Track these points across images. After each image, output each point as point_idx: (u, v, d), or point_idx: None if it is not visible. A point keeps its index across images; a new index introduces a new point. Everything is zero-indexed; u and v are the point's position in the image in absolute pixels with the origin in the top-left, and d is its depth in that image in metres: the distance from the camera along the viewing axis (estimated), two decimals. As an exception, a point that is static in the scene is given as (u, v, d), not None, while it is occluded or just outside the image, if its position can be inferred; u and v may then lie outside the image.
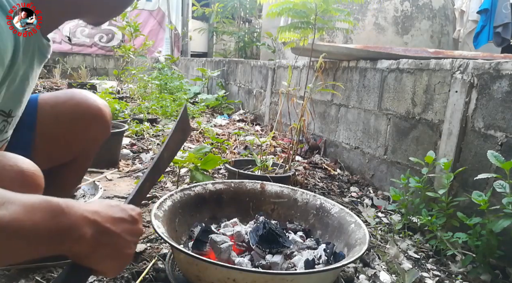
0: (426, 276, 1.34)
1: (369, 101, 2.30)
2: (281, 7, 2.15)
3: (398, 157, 2.04)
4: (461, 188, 1.61)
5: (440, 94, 1.75)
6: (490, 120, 1.49)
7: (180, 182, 1.94)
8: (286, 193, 1.47)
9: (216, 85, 5.26)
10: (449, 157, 1.64)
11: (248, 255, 1.15)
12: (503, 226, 1.22)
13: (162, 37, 8.65)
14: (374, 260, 1.40)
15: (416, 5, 3.10)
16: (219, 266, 0.93)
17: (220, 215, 1.41)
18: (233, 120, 4.07)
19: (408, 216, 1.68)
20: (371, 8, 3.04)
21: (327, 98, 2.77)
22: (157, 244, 1.34)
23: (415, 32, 3.09)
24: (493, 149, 1.43)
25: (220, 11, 6.85)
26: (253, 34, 6.86)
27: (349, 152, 2.51)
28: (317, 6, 2.11)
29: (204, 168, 1.82)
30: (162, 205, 1.19)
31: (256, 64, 4.22)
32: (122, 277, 1.12)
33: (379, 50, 2.22)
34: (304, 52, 2.67)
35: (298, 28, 2.24)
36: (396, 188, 1.77)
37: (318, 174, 2.37)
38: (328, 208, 1.36)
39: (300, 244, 1.23)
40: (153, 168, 0.90)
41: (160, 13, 8.65)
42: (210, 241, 1.11)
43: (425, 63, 1.85)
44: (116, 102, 3.00)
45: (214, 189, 1.42)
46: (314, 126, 2.95)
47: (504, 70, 1.45)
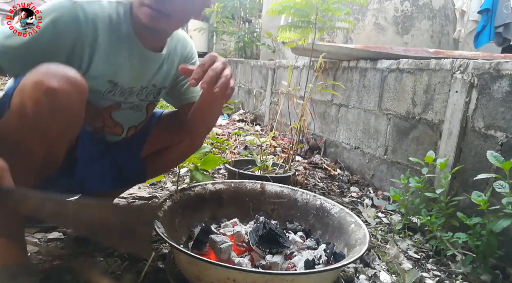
0: (426, 276, 1.34)
1: (369, 101, 2.30)
2: (282, 5, 2.14)
3: (398, 157, 2.04)
4: (461, 188, 1.61)
5: (440, 94, 1.75)
6: (490, 120, 1.49)
7: (180, 182, 1.94)
8: (286, 193, 1.47)
9: (216, 85, 5.25)
10: (449, 157, 1.64)
11: (248, 255, 1.15)
12: (503, 226, 1.22)
13: (162, 37, 8.64)
14: (374, 260, 1.40)
15: (416, 5, 3.10)
16: (219, 266, 0.93)
17: (220, 215, 1.41)
18: (233, 120, 4.07)
19: (408, 216, 1.68)
20: (371, 8, 3.04)
21: (327, 98, 2.77)
22: (157, 244, 1.34)
23: (415, 32, 3.09)
24: (493, 149, 1.42)
25: (220, 11, 6.85)
26: (253, 34, 6.85)
27: (349, 152, 2.51)
28: (318, 5, 2.10)
29: (204, 168, 1.82)
30: (162, 205, 1.19)
31: (256, 64, 4.22)
32: (122, 277, 1.12)
33: (379, 50, 2.22)
34: (304, 52, 2.67)
35: (299, 27, 2.24)
36: (396, 188, 1.77)
37: (318, 174, 2.37)
38: (328, 208, 1.35)
39: (300, 244, 1.23)
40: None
41: (160, 13, 8.64)
42: (210, 241, 1.11)
43: (425, 63, 1.85)
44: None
45: (214, 189, 1.42)
46: (314, 126, 2.95)
47: (504, 70, 1.44)
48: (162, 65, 1.16)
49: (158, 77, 1.18)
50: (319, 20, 2.17)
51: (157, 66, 1.15)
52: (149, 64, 1.12)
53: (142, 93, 1.17)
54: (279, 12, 2.18)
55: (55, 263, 1.16)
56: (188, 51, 1.25)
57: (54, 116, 0.85)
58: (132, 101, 1.17)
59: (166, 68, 1.19)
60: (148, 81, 1.16)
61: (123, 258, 1.22)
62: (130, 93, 1.13)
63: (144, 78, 1.14)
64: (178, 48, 1.21)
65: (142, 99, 1.19)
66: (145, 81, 1.15)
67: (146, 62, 1.11)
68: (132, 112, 1.19)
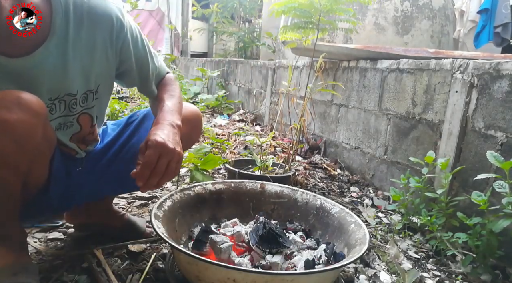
0: (426, 276, 1.34)
1: (369, 101, 2.30)
2: (286, 6, 2.14)
3: (398, 157, 2.04)
4: (461, 188, 1.61)
5: (440, 94, 1.75)
6: (490, 120, 1.49)
7: (180, 182, 1.94)
8: (286, 193, 1.47)
9: (216, 85, 5.26)
10: (449, 157, 1.64)
11: (248, 255, 1.15)
12: (503, 226, 1.22)
13: (162, 37, 8.64)
14: (374, 260, 1.40)
15: (416, 5, 3.10)
16: (219, 266, 0.93)
17: (220, 215, 1.41)
18: (233, 120, 4.07)
19: (408, 216, 1.68)
20: (371, 8, 3.04)
21: (327, 98, 2.77)
22: (157, 244, 1.34)
23: (415, 32, 3.09)
24: (493, 149, 1.42)
25: (220, 11, 6.85)
26: (253, 34, 6.85)
27: (349, 152, 2.51)
28: (322, 6, 2.10)
29: (204, 168, 1.82)
30: (162, 205, 1.19)
31: (256, 64, 4.22)
32: (122, 276, 1.12)
33: (379, 50, 2.22)
34: (304, 52, 2.67)
35: (302, 28, 2.23)
36: (396, 188, 1.77)
37: (318, 174, 2.37)
38: (328, 208, 1.35)
39: (300, 244, 1.23)
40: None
41: (159, 13, 8.64)
42: (210, 241, 1.11)
43: (425, 63, 1.85)
44: (116, 102, 3.00)
45: (214, 189, 1.42)
46: (314, 126, 2.95)
47: (504, 70, 1.44)
48: (64, 64, 0.91)
49: (65, 81, 0.93)
50: (321, 21, 2.17)
51: (44, 69, 0.89)
52: (28, 72, 0.88)
53: (56, 107, 0.95)
54: (282, 13, 2.17)
55: (55, 263, 1.16)
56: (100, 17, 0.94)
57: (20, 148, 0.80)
58: (57, 117, 0.98)
59: (79, 64, 0.94)
60: (52, 91, 0.93)
61: (123, 258, 1.23)
62: (49, 109, 0.94)
63: (37, 89, 0.89)
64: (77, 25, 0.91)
65: (65, 113, 0.99)
66: (43, 92, 0.91)
67: (20, 73, 0.87)
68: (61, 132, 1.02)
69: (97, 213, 1.32)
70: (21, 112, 0.78)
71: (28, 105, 0.80)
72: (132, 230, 1.37)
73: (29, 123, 0.80)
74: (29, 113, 0.80)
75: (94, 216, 1.32)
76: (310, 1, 2.10)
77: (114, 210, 1.38)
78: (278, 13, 2.19)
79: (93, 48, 0.95)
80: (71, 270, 1.13)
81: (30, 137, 0.82)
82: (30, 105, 0.80)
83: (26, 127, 0.80)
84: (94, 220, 1.33)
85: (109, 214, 1.35)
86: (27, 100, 0.80)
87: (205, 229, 1.17)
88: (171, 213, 1.21)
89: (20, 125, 0.78)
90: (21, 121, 0.78)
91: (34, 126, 0.81)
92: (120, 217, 1.37)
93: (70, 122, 1.02)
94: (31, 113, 0.80)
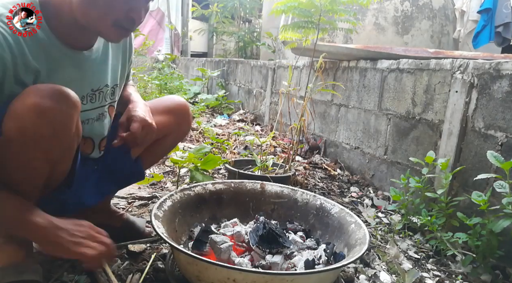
0: (426, 276, 1.34)
1: (369, 101, 2.30)
2: (286, 5, 2.13)
3: (398, 157, 2.04)
4: (461, 188, 1.61)
5: (440, 94, 1.75)
6: (490, 120, 1.49)
7: (180, 182, 1.94)
8: (286, 193, 1.47)
9: (216, 85, 5.26)
10: (449, 157, 1.64)
11: (248, 255, 1.15)
12: (503, 226, 1.22)
13: (162, 37, 8.64)
14: (374, 260, 1.40)
15: (416, 5, 3.10)
16: (219, 266, 0.93)
17: (220, 215, 1.41)
18: (233, 120, 4.07)
19: (408, 216, 1.68)
20: (371, 8, 3.04)
21: (327, 98, 2.77)
22: (157, 244, 1.34)
23: (415, 32, 3.09)
24: (493, 149, 1.42)
25: (220, 11, 6.85)
26: (253, 34, 6.85)
27: (349, 152, 2.51)
28: (323, 6, 2.10)
29: (204, 168, 1.82)
30: (162, 205, 1.19)
31: (256, 64, 4.22)
32: (121, 276, 1.12)
33: (379, 50, 2.22)
34: (304, 52, 2.67)
35: (302, 27, 2.23)
36: (396, 188, 1.77)
37: (318, 174, 2.37)
38: (328, 208, 1.36)
39: (300, 244, 1.23)
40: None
41: (159, 13, 8.64)
42: (210, 241, 1.11)
43: (425, 63, 1.85)
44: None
45: (214, 189, 1.42)
46: (314, 126, 2.95)
47: (504, 70, 1.45)
48: (106, 60, 1.08)
49: (106, 74, 1.09)
50: (322, 21, 2.17)
51: (97, 62, 1.05)
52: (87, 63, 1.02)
53: (96, 97, 1.08)
54: (283, 12, 2.17)
55: (55, 263, 1.16)
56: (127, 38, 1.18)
57: (55, 134, 0.84)
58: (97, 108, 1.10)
59: (112, 62, 1.11)
60: (98, 82, 1.07)
61: (123, 258, 1.23)
62: (91, 99, 1.06)
63: (91, 80, 1.04)
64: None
65: (101, 104, 1.11)
66: (94, 83, 1.06)
67: (82, 63, 1.01)
68: (99, 122, 1.12)
69: (96, 213, 1.32)
70: (61, 103, 0.83)
71: (67, 97, 0.85)
72: (131, 230, 1.37)
73: (66, 113, 0.85)
74: (68, 105, 0.85)
75: (93, 216, 1.32)
76: (310, 0, 2.10)
77: (113, 210, 1.38)
78: (278, 12, 2.18)
79: (117, 48, 1.14)
80: (71, 270, 1.13)
81: (66, 126, 0.86)
82: (69, 98, 0.85)
83: (64, 116, 0.84)
84: (93, 220, 1.32)
85: (108, 214, 1.35)
86: (66, 93, 0.85)
87: (205, 229, 1.17)
88: (171, 213, 1.21)
89: (59, 114, 0.83)
90: (60, 110, 0.83)
91: (71, 117, 0.86)
92: (119, 217, 1.37)
93: (106, 113, 1.14)
94: (70, 105, 0.85)
